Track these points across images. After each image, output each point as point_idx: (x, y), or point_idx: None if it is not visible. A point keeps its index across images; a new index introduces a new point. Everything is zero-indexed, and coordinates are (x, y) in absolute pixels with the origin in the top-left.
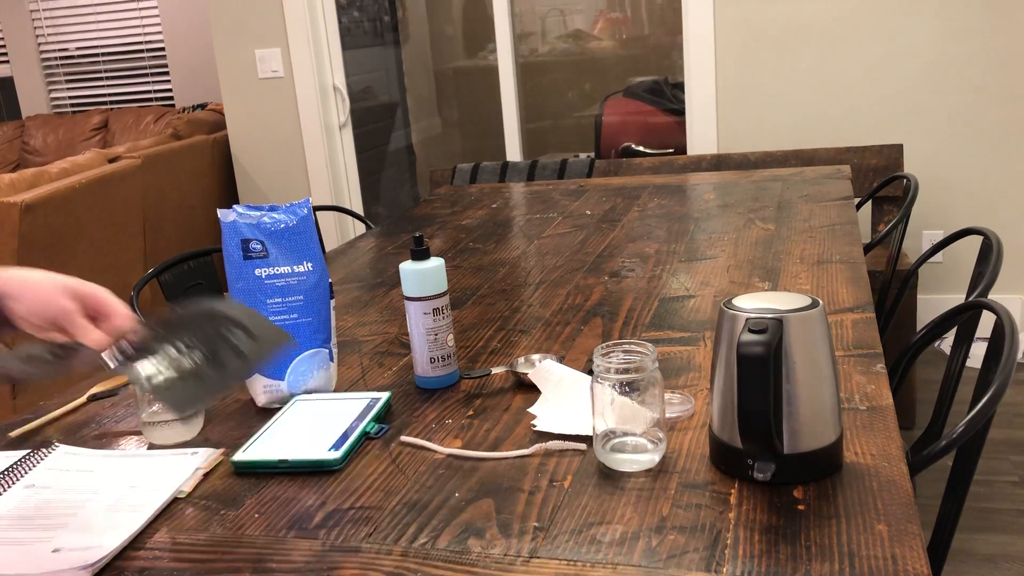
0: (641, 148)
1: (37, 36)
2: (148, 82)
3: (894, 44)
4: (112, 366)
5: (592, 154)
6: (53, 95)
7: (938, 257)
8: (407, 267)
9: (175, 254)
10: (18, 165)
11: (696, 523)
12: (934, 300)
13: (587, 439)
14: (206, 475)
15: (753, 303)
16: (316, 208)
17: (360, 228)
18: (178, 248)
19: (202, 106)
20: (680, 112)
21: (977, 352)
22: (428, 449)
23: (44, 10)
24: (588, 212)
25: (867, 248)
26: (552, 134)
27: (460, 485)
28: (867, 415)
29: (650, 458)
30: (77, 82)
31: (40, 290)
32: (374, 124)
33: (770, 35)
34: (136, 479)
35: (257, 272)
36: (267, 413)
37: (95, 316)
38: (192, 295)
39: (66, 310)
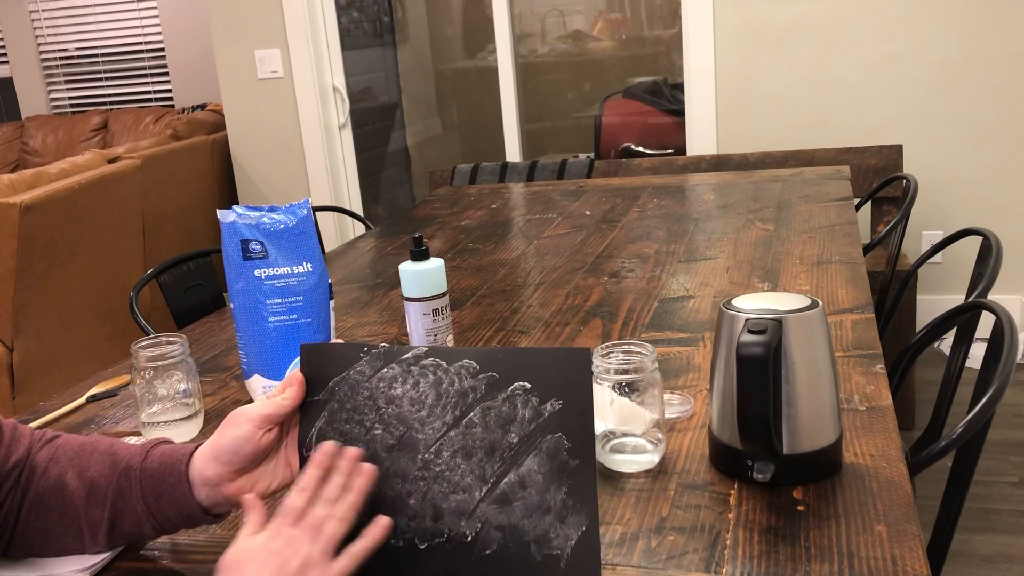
0: (640, 149)
1: (37, 36)
2: (148, 82)
3: (893, 44)
4: None
5: (591, 155)
6: (53, 96)
7: (937, 258)
8: (407, 268)
9: (174, 255)
10: (17, 165)
11: (696, 524)
12: (934, 300)
13: None
14: None
15: (752, 304)
16: (315, 209)
17: (359, 229)
18: (177, 249)
19: (202, 107)
20: (679, 113)
21: (977, 353)
22: None
23: (44, 10)
24: (587, 213)
25: (867, 249)
26: (551, 135)
27: None
28: (866, 416)
29: (649, 459)
30: (77, 82)
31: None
32: (373, 125)
33: (770, 35)
34: None
35: (256, 273)
36: None
37: None
38: (192, 296)
39: None
